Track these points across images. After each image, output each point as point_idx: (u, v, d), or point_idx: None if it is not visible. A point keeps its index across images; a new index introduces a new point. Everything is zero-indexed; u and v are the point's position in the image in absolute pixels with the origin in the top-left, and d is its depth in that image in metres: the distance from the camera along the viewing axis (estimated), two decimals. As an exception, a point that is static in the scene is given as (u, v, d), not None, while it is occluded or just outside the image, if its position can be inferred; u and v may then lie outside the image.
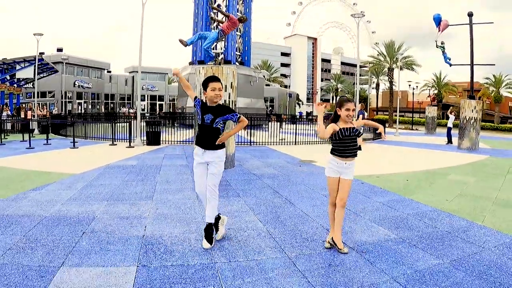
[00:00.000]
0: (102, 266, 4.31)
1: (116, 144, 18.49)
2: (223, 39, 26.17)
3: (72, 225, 5.76)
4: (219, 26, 12.29)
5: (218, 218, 5.34)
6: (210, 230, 5.16)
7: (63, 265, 4.30)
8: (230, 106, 11.61)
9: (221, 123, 5.12)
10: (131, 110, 51.83)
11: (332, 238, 5.10)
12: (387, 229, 5.95)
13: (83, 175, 10.06)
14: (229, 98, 11.63)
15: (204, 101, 5.20)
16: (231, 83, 11.68)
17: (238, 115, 5.23)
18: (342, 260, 4.69)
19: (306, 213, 6.81)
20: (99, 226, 5.78)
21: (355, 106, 19.87)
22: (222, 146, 5.16)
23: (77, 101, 59.66)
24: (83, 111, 56.64)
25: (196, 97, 5.23)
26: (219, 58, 32.75)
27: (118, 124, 21.13)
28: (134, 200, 7.44)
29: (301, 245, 5.21)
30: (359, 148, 16.05)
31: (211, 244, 5.03)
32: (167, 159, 13.50)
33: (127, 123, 19.33)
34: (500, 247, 5.37)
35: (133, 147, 17.54)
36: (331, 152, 5.14)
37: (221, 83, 5.14)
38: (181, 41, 12.38)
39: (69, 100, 58.43)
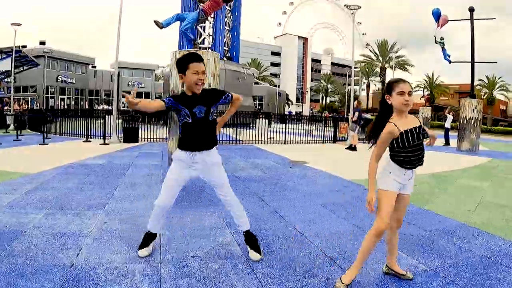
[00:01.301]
0: None
1: (90, 141, 17.13)
2: (204, 21, 24.48)
3: None
4: (200, 6, 10.74)
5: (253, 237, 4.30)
6: (253, 238, 4.25)
7: None
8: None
9: (215, 113, 4.03)
10: (105, 107, 50.25)
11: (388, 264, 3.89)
12: (411, 255, 4.40)
13: (37, 175, 8.56)
14: (209, 87, 10.04)
15: (179, 94, 4.00)
16: (212, 71, 10.14)
17: (230, 94, 4.11)
18: None
19: (300, 232, 5.16)
20: (22, 247, 4.24)
21: (358, 103, 18.89)
22: (216, 143, 4.07)
23: (60, 96, 57.94)
24: (66, 107, 54.98)
25: (165, 100, 3.84)
26: (199, 41, 31.34)
27: (97, 120, 19.75)
28: (81, 209, 5.87)
29: (296, 285, 3.56)
30: (354, 148, 14.51)
31: (261, 255, 4.15)
32: (141, 158, 12.06)
33: (104, 119, 17.95)
34: None
35: (108, 144, 16.16)
36: (392, 159, 3.52)
37: (204, 65, 3.78)
38: (156, 22, 10.72)
39: (51, 95, 56.68)
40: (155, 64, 70.09)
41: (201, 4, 10.84)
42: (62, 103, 57.55)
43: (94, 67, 65.98)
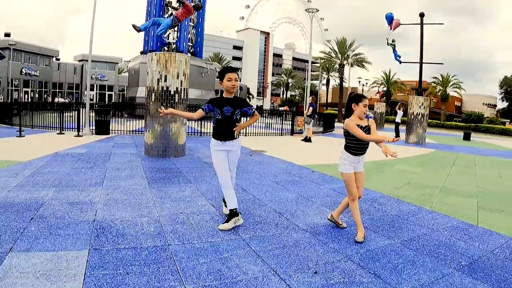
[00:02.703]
0: (53, 251, 4.14)
1: (64, 133, 17.83)
2: (177, 26, 25.72)
3: (19, 211, 5.49)
4: (173, 13, 12.16)
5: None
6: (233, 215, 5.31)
7: (11, 250, 4.10)
8: (182, 94, 11.54)
9: (239, 115, 5.32)
10: (61, 100, 50.15)
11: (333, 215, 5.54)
12: (350, 217, 6.02)
13: (30, 162, 9.60)
14: (181, 85, 11.53)
15: (214, 99, 5.34)
16: (184, 70, 11.59)
17: (253, 109, 5.47)
18: (296, 241, 4.78)
19: (258, 198, 6.88)
20: (48, 211, 5.55)
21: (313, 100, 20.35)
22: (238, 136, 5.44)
23: (24, 89, 57.27)
24: (29, 100, 54.47)
25: (204, 107, 5.31)
26: (173, 45, 32.28)
27: (69, 113, 20.40)
28: (83, 187, 7.20)
29: (254, 227, 5.25)
30: (309, 140, 16.13)
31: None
32: (117, 148, 13.21)
33: (76, 112, 18.64)
34: (448, 229, 5.67)
35: (82, 136, 17.03)
36: (346, 149, 5.08)
37: (238, 75, 5.32)
38: (134, 26, 12.15)
39: (15, 88, 55.98)
40: (119, 57, 69.90)
41: (175, 11, 12.23)
42: (26, 96, 56.95)
43: (58, 59, 64.95)
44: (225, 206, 5.75)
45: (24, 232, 4.66)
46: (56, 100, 51.49)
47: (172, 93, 11.37)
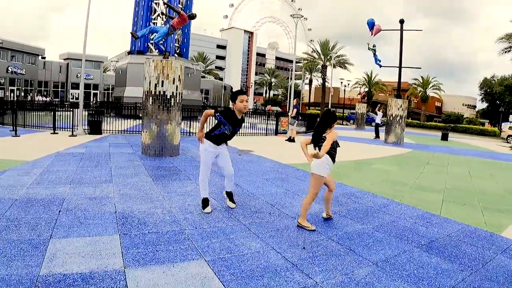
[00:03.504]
0: (89, 236, 4.96)
1: (57, 133, 18.15)
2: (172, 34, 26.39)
3: (46, 206, 6.17)
4: (169, 22, 13.03)
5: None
6: (231, 195, 6.84)
7: (52, 237, 4.82)
8: (177, 98, 12.44)
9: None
10: (43, 98, 50.13)
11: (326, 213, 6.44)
12: (321, 204, 7.03)
13: (36, 162, 10.06)
14: (176, 90, 12.42)
15: (227, 113, 6.15)
16: (179, 76, 12.45)
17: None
18: (287, 226, 5.86)
19: (252, 193, 7.93)
20: (72, 205, 6.31)
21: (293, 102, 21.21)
22: None
23: (10, 87, 57.11)
24: (15, 98, 54.21)
25: (216, 115, 6.19)
26: (168, 52, 32.87)
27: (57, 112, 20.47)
28: (96, 183, 7.98)
29: (252, 216, 6.30)
30: (293, 140, 17.13)
31: (235, 204, 6.76)
32: (114, 148, 13.81)
33: (71, 112, 18.95)
34: (413, 218, 6.79)
35: (76, 136, 17.42)
36: (331, 157, 5.88)
37: (247, 95, 6.25)
38: (132, 34, 13.10)
39: (1, 86, 55.89)
40: (104, 56, 69.77)
41: (171, 20, 13.11)
42: (12, 94, 56.77)
43: (44, 57, 64.61)
44: (229, 200, 6.79)
45: (57, 222, 5.42)
46: (37, 98, 51.14)
47: (168, 97, 12.25)
